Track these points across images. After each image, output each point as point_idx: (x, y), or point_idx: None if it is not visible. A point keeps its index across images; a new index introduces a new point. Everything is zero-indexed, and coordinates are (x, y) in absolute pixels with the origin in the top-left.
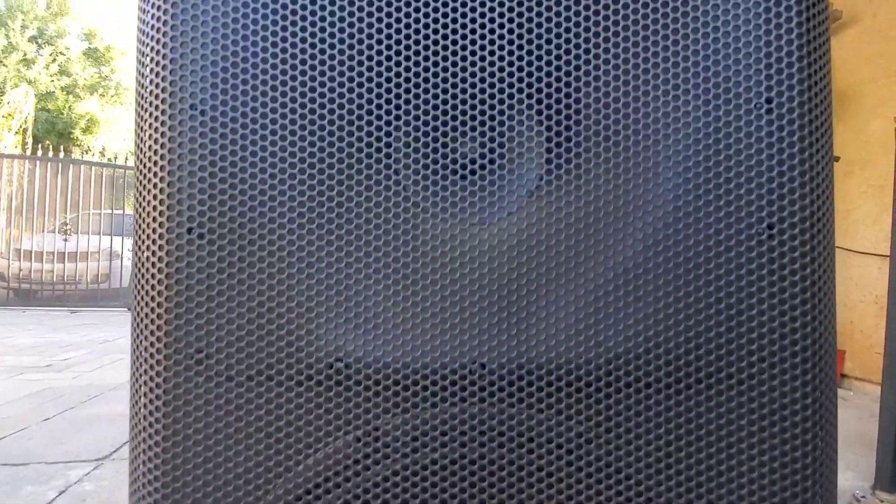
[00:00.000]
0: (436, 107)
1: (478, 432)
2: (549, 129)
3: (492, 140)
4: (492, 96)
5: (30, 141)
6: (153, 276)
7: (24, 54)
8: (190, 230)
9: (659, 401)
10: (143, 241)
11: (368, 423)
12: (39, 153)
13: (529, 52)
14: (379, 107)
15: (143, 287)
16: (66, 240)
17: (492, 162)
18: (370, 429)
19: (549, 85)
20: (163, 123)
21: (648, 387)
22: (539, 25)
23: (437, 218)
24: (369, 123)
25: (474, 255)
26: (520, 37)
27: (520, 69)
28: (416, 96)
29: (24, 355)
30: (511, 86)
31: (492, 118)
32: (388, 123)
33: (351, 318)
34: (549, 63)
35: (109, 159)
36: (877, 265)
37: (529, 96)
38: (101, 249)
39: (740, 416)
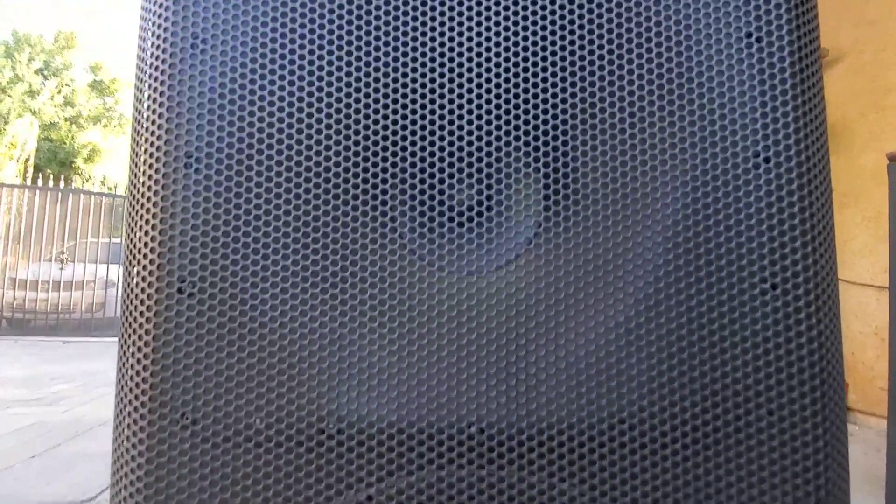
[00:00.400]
0: (432, 153)
1: (476, 495)
2: (545, 176)
3: (488, 187)
4: (488, 143)
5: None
6: (140, 336)
7: (30, 86)
8: (180, 289)
9: (660, 461)
10: (132, 297)
11: (362, 488)
12: (40, 182)
13: (526, 101)
14: (375, 154)
15: (129, 342)
16: (61, 269)
17: (488, 209)
18: (364, 496)
19: (545, 133)
20: (156, 171)
21: (649, 447)
22: (535, 75)
23: (433, 269)
24: (364, 171)
25: (471, 310)
26: (516, 85)
27: (516, 116)
28: (413, 143)
29: (13, 387)
30: (507, 133)
31: (488, 165)
32: (385, 171)
33: (344, 379)
34: (545, 112)
35: (110, 188)
36: (875, 297)
37: (527, 143)
38: (96, 278)
39: (749, 473)
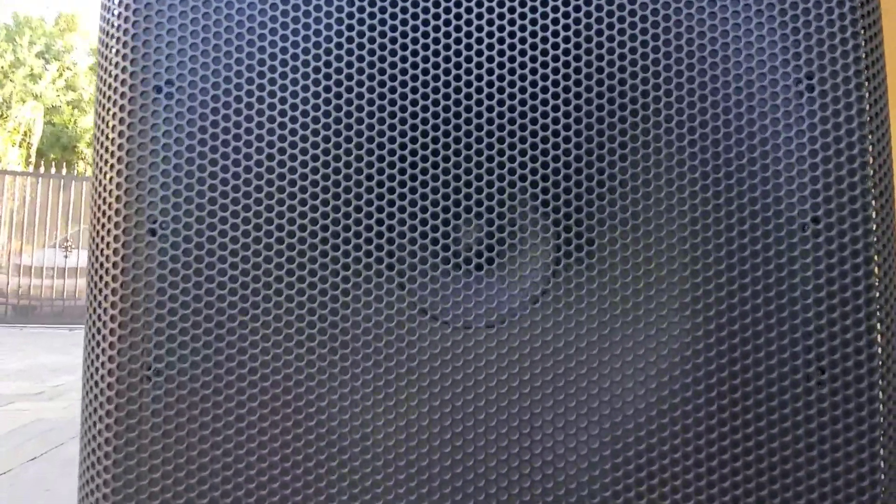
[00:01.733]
0: (436, 196)
1: None
2: (556, 223)
3: (499, 231)
4: (500, 190)
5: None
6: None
7: (31, 69)
8: (157, 372)
9: None
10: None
11: None
12: (42, 168)
13: (545, 140)
14: (380, 196)
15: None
16: (66, 256)
17: (498, 256)
18: None
19: (560, 177)
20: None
21: None
22: (545, 115)
23: (435, 325)
24: (367, 215)
25: (478, 372)
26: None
27: (533, 158)
28: (424, 184)
29: (16, 380)
30: (522, 178)
31: (499, 209)
32: (387, 214)
33: (334, 468)
34: (564, 154)
35: None
36: None
37: (544, 190)
38: None
39: None
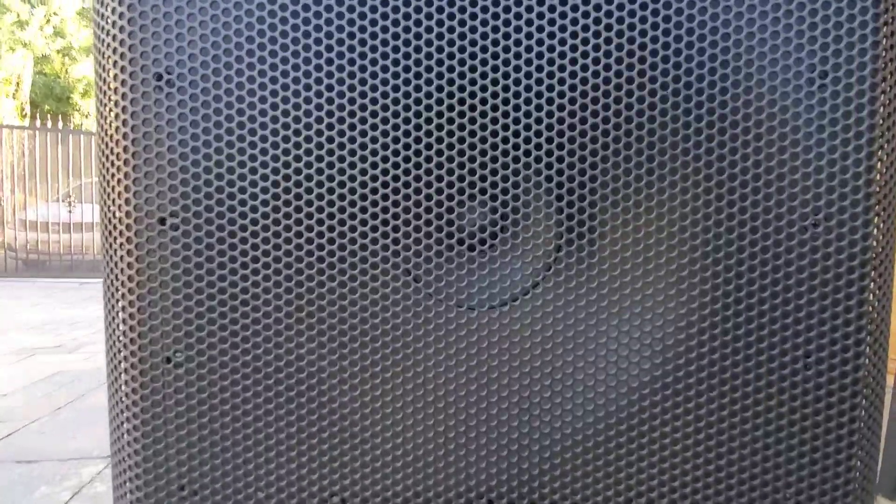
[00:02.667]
0: (440, 175)
1: None
2: (559, 198)
3: (503, 208)
4: (505, 166)
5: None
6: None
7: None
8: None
9: None
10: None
11: None
12: (38, 122)
13: (550, 127)
14: (385, 172)
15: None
16: (70, 210)
17: (502, 232)
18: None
19: (566, 157)
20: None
21: None
22: (562, 95)
23: (440, 300)
24: (372, 192)
25: (481, 353)
26: (538, 107)
27: (538, 147)
28: (421, 162)
29: (35, 334)
30: (527, 154)
31: (503, 187)
32: (391, 192)
33: (346, 450)
34: (570, 139)
35: None
36: None
37: (539, 169)
38: None
39: None
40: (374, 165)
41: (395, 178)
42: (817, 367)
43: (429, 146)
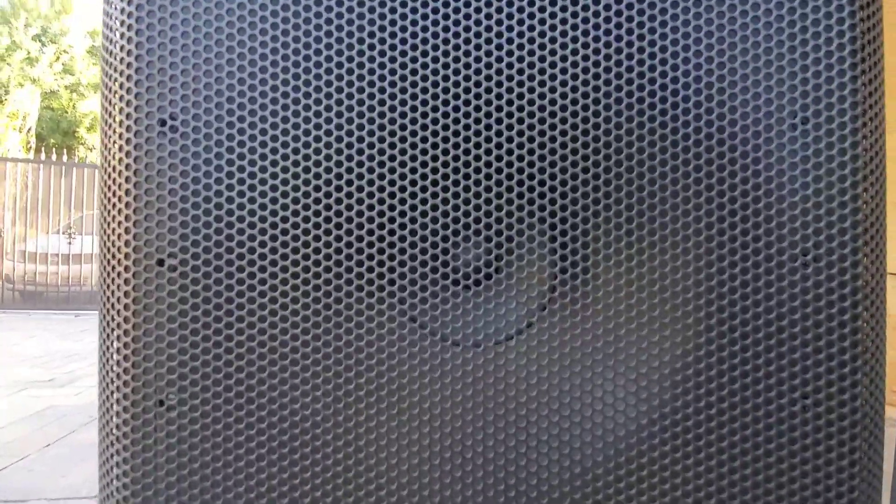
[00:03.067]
0: (440, 210)
1: None
2: (552, 239)
3: (497, 247)
4: (498, 206)
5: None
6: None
7: (28, 53)
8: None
9: None
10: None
11: None
12: (43, 154)
13: (542, 158)
14: (382, 214)
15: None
16: (70, 242)
17: (497, 272)
18: None
19: (562, 195)
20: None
21: None
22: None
23: (436, 340)
24: (368, 232)
25: (476, 395)
26: (531, 139)
27: (530, 176)
28: (424, 201)
29: (28, 367)
30: (520, 195)
31: (498, 225)
32: (392, 233)
33: (340, 497)
34: (563, 171)
35: None
36: (891, 284)
37: (541, 207)
38: None
39: None
40: (371, 207)
41: (391, 220)
42: (815, 409)
43: (424, 188)
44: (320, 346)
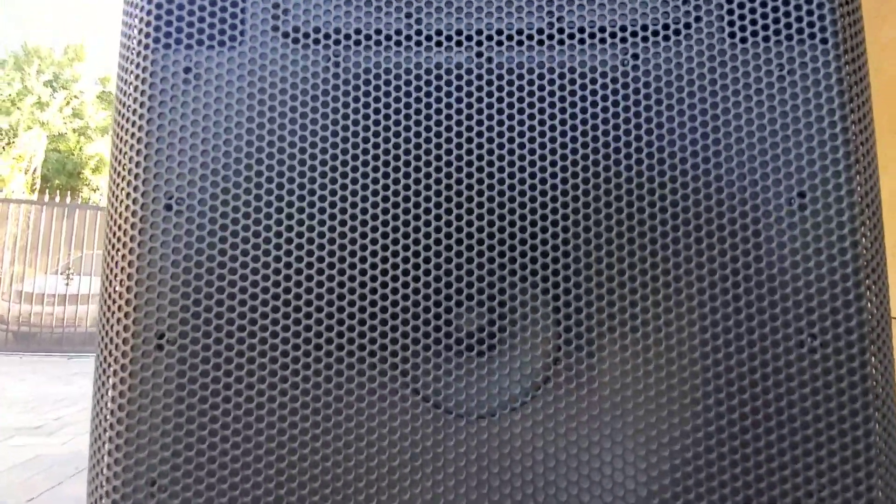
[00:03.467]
0: (434, 276)
1: None
2: (556, 310)
3: (500, 318)
4: (502, 278)
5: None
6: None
7: (39, 98)
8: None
9: None
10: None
11: None
12: (47, 194)
13: (544, 229)
14: (374, 278)
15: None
16: (67, 283)
17: (500, 343)
18: None
19: (564, 266)
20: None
21: None
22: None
23: (438, 412)
24: (371, 303)
25: (481, 471)
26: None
27: (533, 247)
28: (416, 266)
29: (16, 413)
30: (523, 266)
31: (502, 297)
32: (384, 297)
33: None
34: (565, 242)
35: None
36: None
37: (544, 278)
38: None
39: None
40: (374, 279)
41: (395, 291)
42: (831, 501)
43: (426, 259)
44: (320, 420)
